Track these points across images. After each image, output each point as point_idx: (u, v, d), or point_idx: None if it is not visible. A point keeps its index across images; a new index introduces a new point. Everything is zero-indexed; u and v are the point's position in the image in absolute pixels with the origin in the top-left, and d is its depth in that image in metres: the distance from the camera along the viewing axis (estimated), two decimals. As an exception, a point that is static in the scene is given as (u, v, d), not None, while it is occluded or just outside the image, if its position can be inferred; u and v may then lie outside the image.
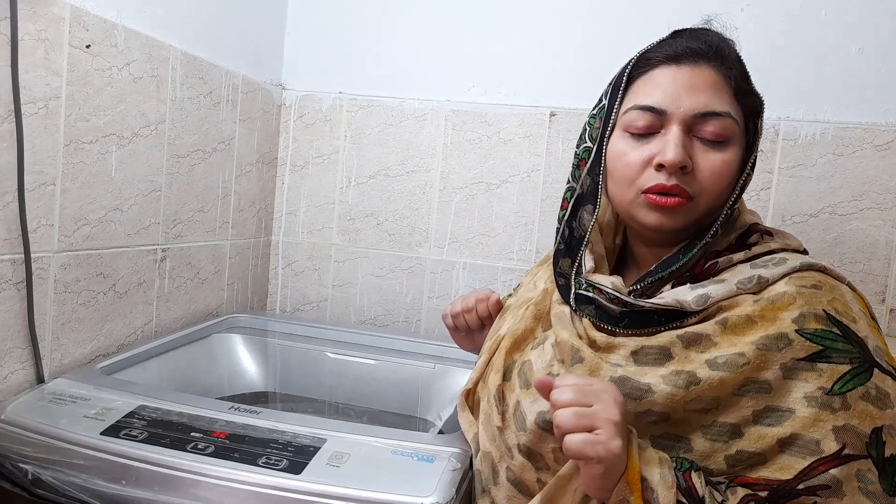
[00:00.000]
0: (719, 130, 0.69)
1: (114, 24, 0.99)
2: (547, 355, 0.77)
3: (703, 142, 0.69)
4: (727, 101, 0.69)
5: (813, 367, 0.63)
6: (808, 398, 0.62)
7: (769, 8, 1.28)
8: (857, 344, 0.63)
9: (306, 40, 1.53)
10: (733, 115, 0.69)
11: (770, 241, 0.73)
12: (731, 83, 0.70)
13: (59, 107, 0.90)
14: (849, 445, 0.60)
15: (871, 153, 1.24)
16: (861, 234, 1.25)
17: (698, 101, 0.68)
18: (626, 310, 0.72)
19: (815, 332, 0.64)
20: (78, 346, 0.99)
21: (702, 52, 0.70)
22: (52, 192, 0.91)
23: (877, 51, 1.24)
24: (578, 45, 1.38)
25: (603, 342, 0.72)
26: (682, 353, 0.67)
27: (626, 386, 0.67)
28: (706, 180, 0.69)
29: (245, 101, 1.38)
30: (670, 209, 0.69)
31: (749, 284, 0.68)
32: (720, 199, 0.71)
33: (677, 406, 0.65)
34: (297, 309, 1.58)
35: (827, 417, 0.61)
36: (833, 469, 0.60)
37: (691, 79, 0.69)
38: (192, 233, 1.26)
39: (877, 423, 0.60)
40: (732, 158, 0.70)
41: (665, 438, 0.66)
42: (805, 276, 0.68)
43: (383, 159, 1.50)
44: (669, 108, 0.69)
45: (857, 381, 0.62)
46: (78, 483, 0.71)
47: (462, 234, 1.47)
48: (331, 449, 0.76)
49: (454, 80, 1.45)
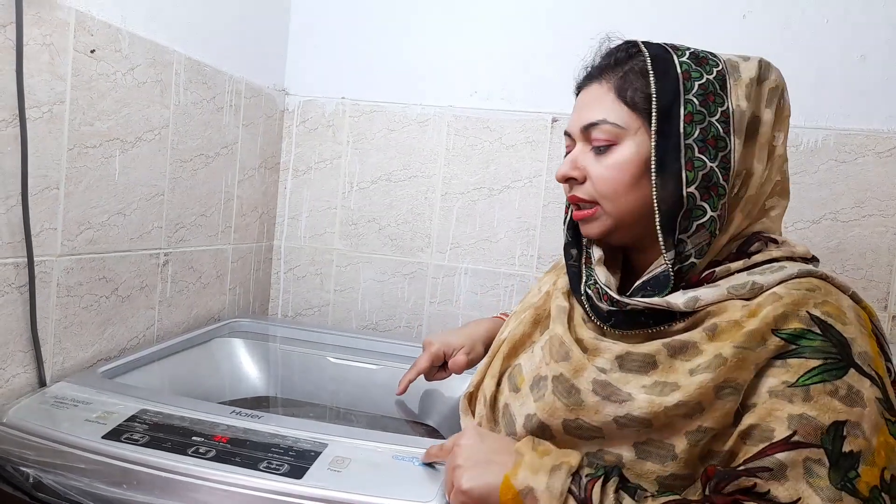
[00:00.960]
0: (601, 136, 0.73)
1: (118, 30, 0.99)
2: (536, 358, 0.77)
3: (594, 151, 0.74)
4: (606, 107, 0.73)
5: (783, 364, 0.62)
6: (770, 391, 0.62)
7: (771, 15, 1.28)
8: (837, 343, 0.62)
9: (309, 46, 1.54)
10: (610, 120, 0.72)
11: (773, 248, 0.72)
12: (612, 91, 0.73)
13: (64, 111, 0.91)
14: (800, 433, 0.59)
15: (872, 160, 1.24)
16: (863, 241, 1.25)
17: (581, 116, 0.75)
18: (613, 308, 0.72)
19: (792, 332, 0.63)
20: (80, 349, 0.99)
21: (589, 74, 0.78)
22: (56, 195, 0.91)
23: (879, 58, 1.24)
24: (580, 52, 1.38)
25: (590, 344, 0.73)
26: (667, 361, 0.67)
27: (607, 391, 0.67)
28: (598, 184, 0.73)
29: (248, 106, 1.39)
30: (586, 220, 0.76)
31: (742, 290, 0.67)
32: (626, 197, 0.72)
33: (658, 413, 0.64)
34: (299, 314, 1.58)
35: (783, 406, 0.60)
36: (779, 454, 0.59)
37: (582, 99, 0.78)
38: (195, 237, 1.26)
39: (840, 417, 0.59)
40: (620, 158, 0.72)
41: (648, 444, 0.66)
42: (802, 282, 0.67)
43: (385, 164, 1.50)
44: (571, 129, 0.77)
45: (825, 377, 0.60)
46: (79, 487, 0.71)
47: (464, 239, 1.47)
48: (332, 454, 0.75)
49: (456, 86, 1.46)
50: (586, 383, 0.69)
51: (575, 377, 0.70)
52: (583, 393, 0.69)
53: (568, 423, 0.69)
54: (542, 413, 0.71)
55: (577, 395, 0.69)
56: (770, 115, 0.72)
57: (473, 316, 1.45)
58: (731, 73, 0.71)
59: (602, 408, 0.67)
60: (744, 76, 0.71)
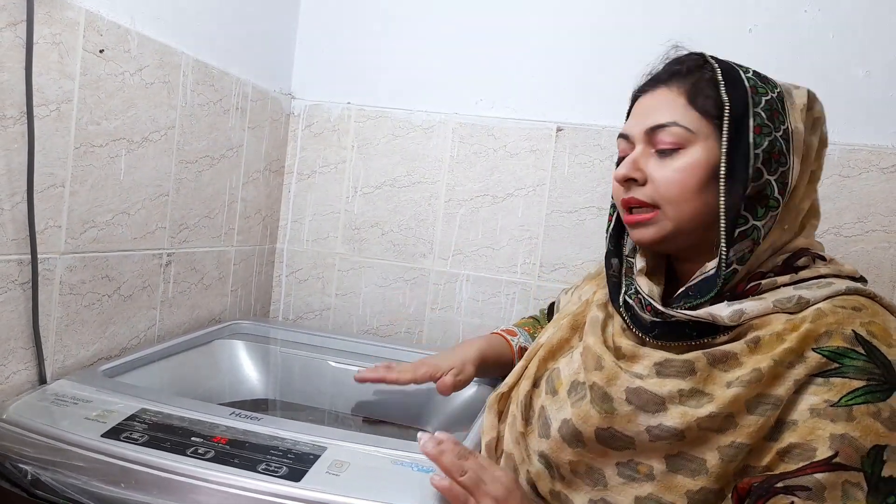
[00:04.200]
0: (667, 139, 0.72)
1: (127, 30, 1.00)
2: (575, 363, 0.78)
3: (658, 154, 0.74)
4: (677, 111, 0.73)
5: (825, 382, 0.61)
6: (812, 409, 0.61)
7: (776, 29, 1.28)
8: (882, 365, 0.61)
9: (317, 51, 1.54)
10: (681, 123, 0.72)
11: (821, 265, 0.71)
12: (684, 95, 0.73)
13: (71, 110, 0.91)
14: (842, 454, 0.58)
15: (876, 175, 1.24)
16: (866, 256, 1.25)
17: (648, 119, 0.75)
18: (657, 319, 0.72)
19: (834, 350, 0.62)
20: (81, 348, 0.99)
21: (658, 79, 0.78)
22: (61, 193, 0.92)
23: (884, 74, 1.24)
24: (586, 62, 1.39)
25: (629, 350, 0.73)
26: (706, 370, 0.66)
27: (641, 399, 0.67)
28: (661, 188, 0.73)
29: (254, 109, 1.39)
30: (641, 224, 0.75)
31: (788, 304, 0.66)
32: (689, 203, 0.71)
33: (691, 425, 0.64)
34: (300, 317, 1.58)
35: (825, 426, 0.60)
36: (819, 474, 0.58)
37: (648, 103, 0.77)
38: (198, 238, 1.26)
39: (881, 441, 0.58)
40: (688, 163, 0.71)
41: (679, 458, 0.66)
42: (849, 299, 0.66)
43: (390, 170, 1.51)
44: (631, 132, 0.77)
45: (868, 398, 0.59)
46: (77, 485, 0.71)
47: (466, 246, 1.47)
48: (331, 457, 0.75)
49: (462, 93, 1.46)
50: (619, 392, 0.69)
51: (608, 386, 0.70)
52: (615, 401, 0.69)
53: (600, 431, 0.70)
54: (577, 419, 0.71)
55: (610, 402, 0.69)
56: (815, 142, 0.75)
57: (474, 323, 1.46)
58: (787, 97, 0.73)
59: (635, 417, 0.67)
60: (797, 101, 0.73)
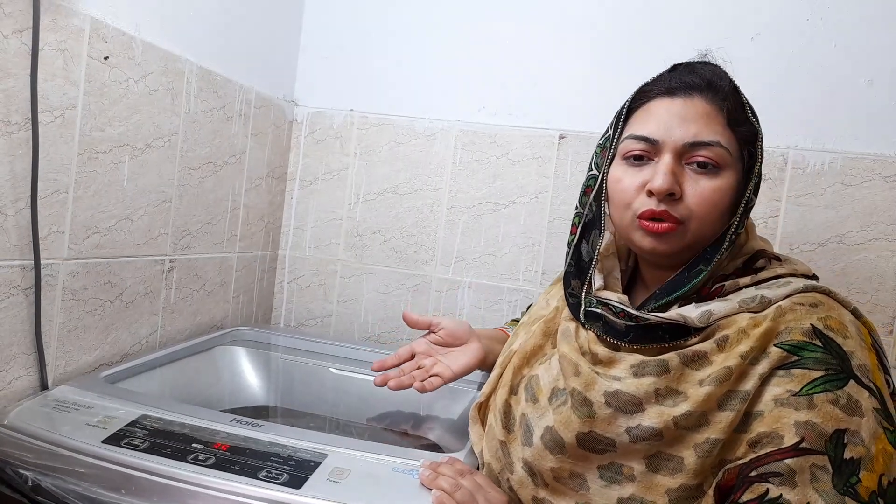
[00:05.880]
0: (709, 159, 0.71)
1: (132, 38, 1.00)
2: (554, 370, 0.79)
3: (693, 170, 0.72)
4: (718, 130, 0.72)
5: (787, 374, 0.65)
6: (776, 399, 0.64)
7: (779, 38, 1.29)
8: (837, 356, 0.64)
9: (320, 58, 1.55)
10: (723, 145, 0.71)
11: (777, 266, 0.75)
12: (724, 113, 0.72)
13: (75, 116, 0.92)
14: (807, 440, 0.61)
15: (879, 184, 1.24)
16: (869, 265, 1.25)
17: (688, 131, 0.71)
18: (631, 324, 0.74)
19: (794, 344, 0.65)
20: (83, 353, 0.99)
21: (694, 84, 0.73)
22: (65, 199, 0.92)
23: (886, 83, 1.24)
24: (588, 70, 1.39)
25: (605, 356, 0.74)
26: (679, 368, 0.69)
27: (619, 400, 0.70)
28: (695, 206, 0.71)
29: (257, 116, 1.40)
30: (662, 235, 0.72)
31: (752, 303, 0.69)
32: (713, 225, 0.73)
33: (668, 423, 0.67)
34: (302, 324, 1.58)
35: (790, 414, 0.63)
36: (788, 459, 0.61)
37: (683, 110, 0.72)
38: (200, 244, 1.26)
39: (841, 425, 0.62)
40: (723, 185, 0.72)
41: (658, 458, 0.68)
42: (807, 296, 0.69)
43: (392, 177, 1.51)
44: (662, 137, 0.72)
45: (827, 387, 0.63)
46: (78, 491, 0.71)
47: (468, 253, 1.47)
48: (332, 464, 0.75)
49: (464, 101, 1.46)
50: (598, 396, 0.71)
51: (587, 391, 0.72)
52: (595, 405, 0.71)
53: (581, 436, 0.71)
54: (559, 425, 0.73)
55: (589, 406, 0.71)
56: None
57: (476, 330, 1.45)
58: None
59: (615, 419, 0.70)
60: None
